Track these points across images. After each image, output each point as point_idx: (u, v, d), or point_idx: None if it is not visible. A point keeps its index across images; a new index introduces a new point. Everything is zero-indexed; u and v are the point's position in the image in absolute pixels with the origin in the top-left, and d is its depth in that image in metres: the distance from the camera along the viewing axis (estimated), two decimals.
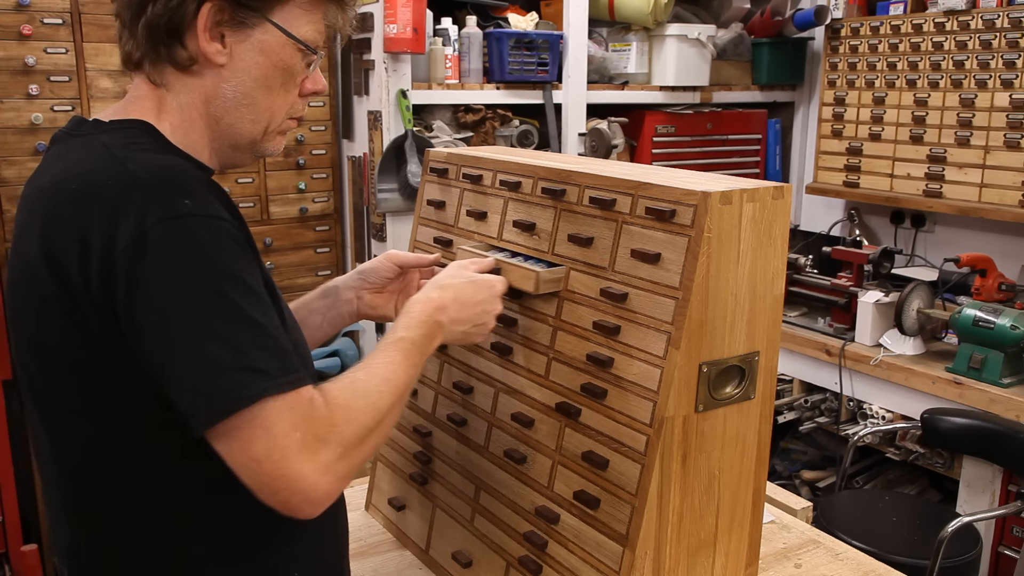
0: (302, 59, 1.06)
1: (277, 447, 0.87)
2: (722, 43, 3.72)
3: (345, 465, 0.92)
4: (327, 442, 0.91)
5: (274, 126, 1.08)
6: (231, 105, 1.04)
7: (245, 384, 0.87)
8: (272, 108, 1.07)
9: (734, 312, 1.13)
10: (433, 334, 1.13)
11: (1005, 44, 2.94)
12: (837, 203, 3.83)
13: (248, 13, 1.01)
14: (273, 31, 1.03)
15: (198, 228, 0.90)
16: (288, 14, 1.03)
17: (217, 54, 1.01)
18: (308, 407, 0.91)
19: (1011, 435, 2.27)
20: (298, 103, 1.10)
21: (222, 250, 0.91)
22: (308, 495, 0.89)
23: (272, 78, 1.04)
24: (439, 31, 3.08)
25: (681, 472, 1.13)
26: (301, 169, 3.25)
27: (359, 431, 0.94)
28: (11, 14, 2.65)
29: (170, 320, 0.88)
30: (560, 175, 1.28)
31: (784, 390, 3.22)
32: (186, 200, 0.91)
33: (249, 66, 1.03)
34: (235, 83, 1.03)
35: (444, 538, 1.45)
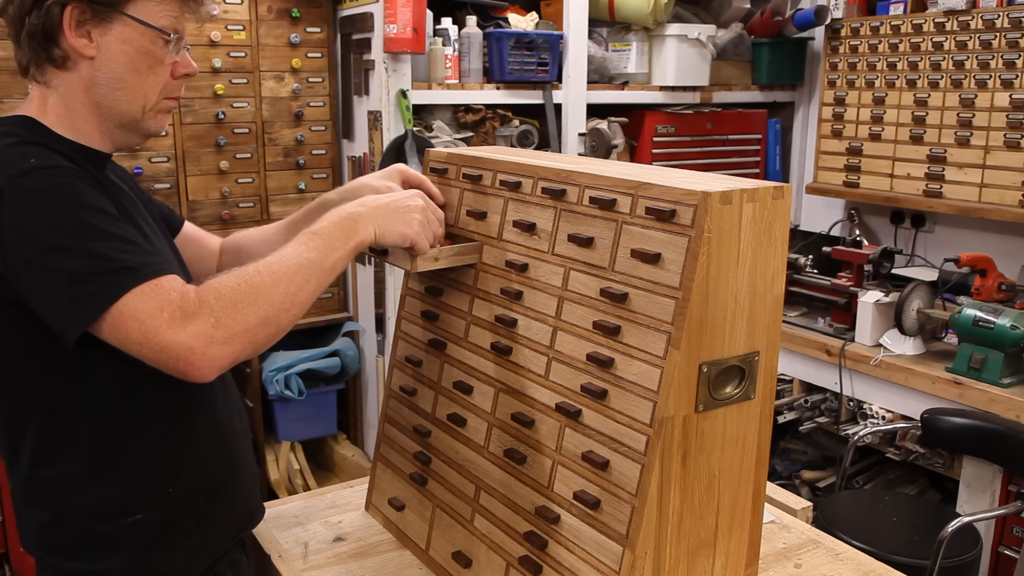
0: (163, 44, 1.21)
1: (149, 328, 1.04)
2: (722, 43, 3.72)
3: (221, 331, 1.06)
4: (197, 315, 1.06)
5: (150, 105, 1.23)
6: (107, 90, 1.20)
7: (109, 283, 1.04)
8: (144, 89, 1.22)
9: (734, 312, 1.13)
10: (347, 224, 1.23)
11: (1005, 44, 2.94)
12: (837, 203, 3.83)
13: (105, 10, 1.17)
14: (131, 23, 1.18)
15: (44, 176, 1.09)
16: (142, 7, 1.19)
17: (85, 47, 1.17)
18: (173, 293, 1.06)
19: (1011, 435, 2.27)
20: (172, 84, 1.25)
21: (68, 187, 1.09)
22: (187, 358, 1.05)
23: (138, 62, 1.20)
24: (439, 31, 3.08)
25: (681, 472, 1.13)
26: (301, 169, 3.25)
27: (230, 302, 1.08)
28: None
29: (36, 254, 1.05)
30: (560, 175, 1.29)
31: (784, 390, 3.22)
32: (32, 159, 1.10)
33: (115, 54, 1.18)
34: (107, 71, 1.19)
35: (444, 538, 1.45)
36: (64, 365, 1.16)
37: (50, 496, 1.22)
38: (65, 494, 1.21)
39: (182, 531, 1.28)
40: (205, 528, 1.31)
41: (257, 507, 1.46)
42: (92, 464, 1.21)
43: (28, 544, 1.29)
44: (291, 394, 3.21)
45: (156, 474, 1.25)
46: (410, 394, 1.56)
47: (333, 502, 1.72)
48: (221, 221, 3.10)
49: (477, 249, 1.42)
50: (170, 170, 3.01)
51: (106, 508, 1.22)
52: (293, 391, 3.21)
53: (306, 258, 1.16)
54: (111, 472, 1.22)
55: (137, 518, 1.23)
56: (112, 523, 1.22)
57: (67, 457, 1.21)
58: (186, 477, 1.28)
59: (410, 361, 1.56)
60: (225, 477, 1.35)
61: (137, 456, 1.23)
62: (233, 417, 1.38)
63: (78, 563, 1.23)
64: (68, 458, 1.21)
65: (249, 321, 1.09)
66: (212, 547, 1.33)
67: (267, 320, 1.11)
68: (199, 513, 1.30)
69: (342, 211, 1.24)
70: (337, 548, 1.54)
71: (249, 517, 1.44)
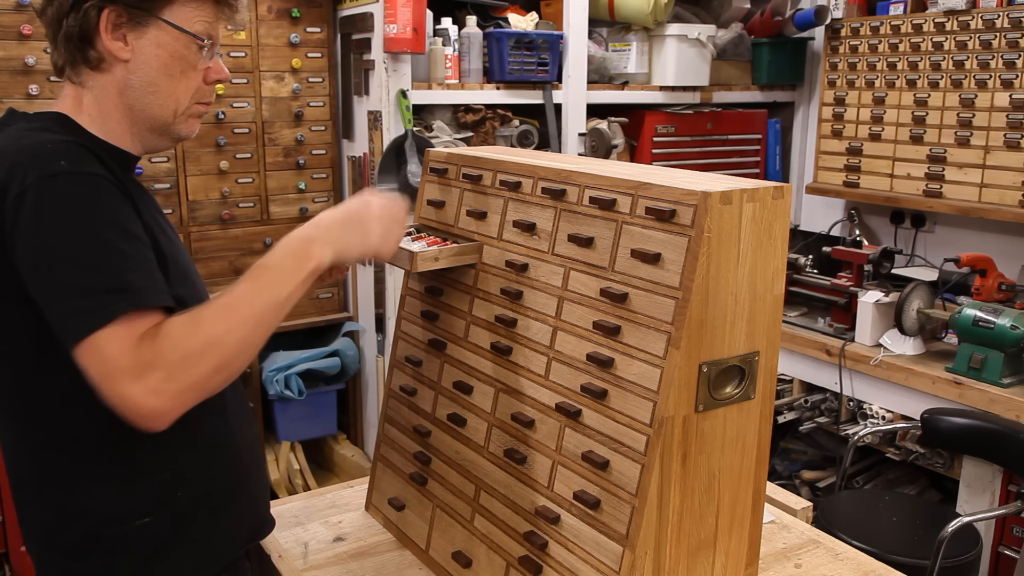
0: (197, 49, 1.23)
1: (108, 372, 1.03)
2: (722, 43, 3.72)
3: (173, 385, 1.05)
4: (152, 366, 1.04)
5: (182, 109, 1.25)
6: (140, 93, 1.21)
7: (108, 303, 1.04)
8: (176, 93, 1.23)
9: (734, 312, 1.13)
10: (300, 254, 1.20)
11: (1005, 44, 2.94)
12: (837, 203, 3.83)
13: (141, 14, 1.18)
14: (166, 27, 1.20)
15: (71, 181, 1.09)
16: (177, 12, 1.20)
17: (120, 50, 1.19)
18: (134, 335, 1.05)
19: (1011, 435, 2.27)
20: (203, 89, 1.27)
21: (91, 196, 1.09)
22: (142, 413, 1.04)
23: (171, 67, 1.21)
24: (439, 31, 3.08)
25: (681, 472, 1.13)
26: (301, 169, 3.25)
27: (181, 355, 1.06)
28: (11, 14, 2.65)
29: (48, 259, 1.06)
30: (560, 175, 1.28)
31: (784, 390, 3.22)
32: (62, 162, 1.09)
33: (149, 58, 1.20)
34: (140, 74, 1.20)
35: (444, 538, 1.45)
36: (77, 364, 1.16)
37: (58, 496, 1.22)
38: (73, 494, 1.21)
39: (189, 537, 1.27)
40: (213, 535, 1.30)
41: (267, 518, 1.44)
42: (101, 465, 1.21)
43: (32, 543, 1.28)
44: (291, 394, 3.21)
45: (165, 478, 1.24)
46: (410, 394, 1.56)
47: (333, 502, 1.72)
48: (221, 221, 3.10)
49: (477, 249, 1.42)
50: (170, 170, 3.01)
51: (114, 510, 1.21)
52: (293, 391, 3.21)
53: (259, 300, 1.14)
54: (120, 474, 1.21)
55: (144, 522, 1.22)
56: (119, 526, 1.22)
57: (77, 457, 1.20)
58: (195, 483, 1.27)
59: (410, 361, 1.56)
60: (234, 484, 1.34)
61: (146, 459, 1.22)
62: (243, 425, 1.38)
63: (83, 564, 1.23)
64: (78, 458, 1.20)
65: (202, 372, 1.08)
66: (219, 555, 1.32)
67: (220, 368, 1.10)
68: (207, 520, 1.29)
69: (292, 237, 1.22)
70: (337, 548, 1.54)
71: (258, 527, 1.42)
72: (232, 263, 3.14)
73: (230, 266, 3.13)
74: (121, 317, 1.04)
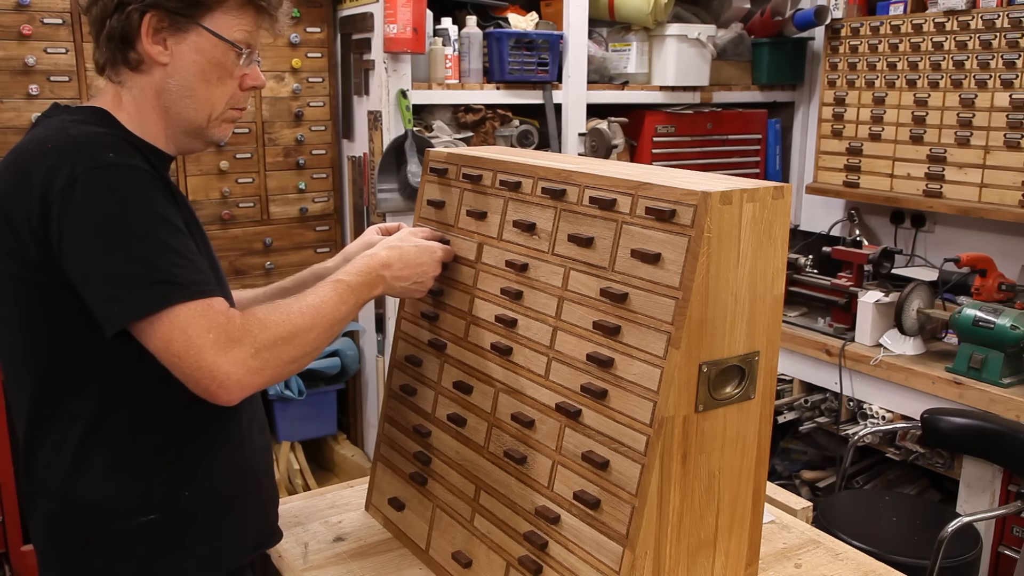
0: (235, 57, 1.25)
1: (193, 344, 1.08)
2: (722, 43, 3.72)
3: (257, 362, 1.12)
4: (240, 342, 1.11)
5: (216, 114, 1.27)
6: (176, 96, 1.24)
7: (159, 294, 1.08)
8: (212, 99, 1.25)
9: (734, 312, 1.13)
10: (374, 284, 1.33)
11: (1005, 44, 2.94)
12: (837, 203, 3.83)
13: (182, 20, 1.21)
14: (205, 34, 1.22)
15: (119, 174, 1.12)
16: (218, 19, 1.23)
17: (160, 54, 1.21)
18: (222, 316, 1.11)
19: (1011, 435, 2.27)
20: (239, 95, 1.29)
21: (139, 189, 1.12)
22: (223, 382, 1.09)
23: (208, 73, 1.24)
24: (439, 31, 3.08)
25: (681, 472, 1.13)
26: (301, 169, 3.25)
27: (271, 337, 1.14)
28: (11, 14, 2.65)
29: (94, 245, 1.09)
30: (560, 175, 1.28)
31: (784, 390, 3.22)
32: (110, 154, 1.12)
33: (188, 63, 1.22)
34: (178, 78, 1.23)
35: (444, 538, 1.45)
36: (106, 353, 1.18)
37: (65, 486, 1.21)
38: (80, 486, 1.21)
39: (194, 538, 1.27)
40: (218, 538, 1.30)
41: (275, 528, 1.44)
42: (111, 458, 1.21)
43: (37, 537, 1.28)
44: (291, 394, 3.21)
45: (173, 476, 1.24)
46: (410, 394, 1.56)
47: (333, 502, 1.72)
48: (221, 221, 3.10)
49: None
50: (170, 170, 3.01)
51: (119, 505, 1.22)
52: (293, 391, 3.21)
53: (339, 311, 1.25)
54: (129, 468, 1.22)
55: (150, 518, 1.22)
56: (124, 521, 1.22)
57: (88, 448, 1.20)
58: (202, 482, 1.27)
59: (410, 361, 1.56)
60: (242, 488, 1.34)
61: (156, 455, 1.23)
62: (255, 431, 1.38)
63: (85, 560, 1.23)
64: (88, 449, 1.20)
65: (283, 358, 1.16)
66: (223, 559, 1.32)
67: (296, 359, 1.18)
68: (212, 522, 1.29)
69: (372, 263, 1.34)
70: (337, 548, 1.54)
71: (266, 536, 1.42)
72: (232, 263, 3.14)
73: (230, 266, 3.13)
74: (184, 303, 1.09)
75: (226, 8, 1.23)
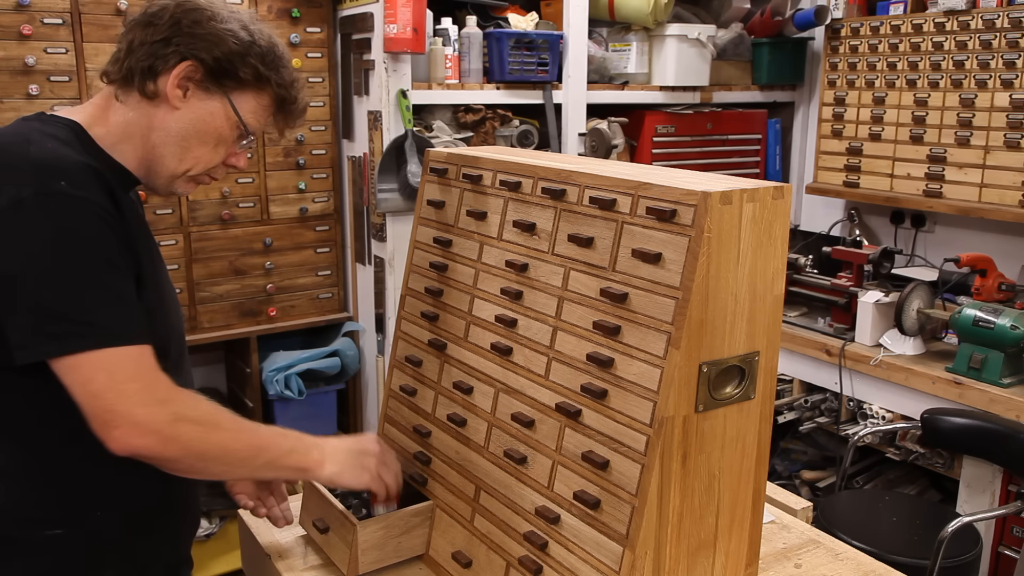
0: (237, 136, 1.28)
1: (115, 388, 1.08)
2: (722, 43, 3.72)
3: (171, 430, 1.11)
4: (164, 404, 1.11)
5: (192, 173, 1.28)
6: (168, 140, 1.24)
7: (80, 334, 1.07)
8: (198, 158, 1.27)
9: (734, 312, 1.13)
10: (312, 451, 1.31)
11: (1005, 44, 2.94)
12: (837, 203, 3.83)
13: (214, 84, 1.24)
14: (227, 104, 1.25)
15: (67, 204, 1.09)
16: (244, 98, 1.26)
17: (177, 99, 1.23)
18: (150, 371, 1.11)
19: (1011, 435, 2.27)
20: (219, 167, 1.31)
21: (84, 224, 1.10)
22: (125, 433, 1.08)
23: (207, 135, 1.26)
24: (439, 31, 3.08)
25: (681, 472, 1.13)
26: (301, 169, 3.25)
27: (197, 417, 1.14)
28: (11, 14, 2.65)
29: (25, 275, 1.07)
30: (560, 175, 1.28)
31: (784, 390, 3.22)
32: (62, 182, 1.10)
33: (196, 118, 1.24)
34: (180, 125, 1.24)
35: (444, 538, 1.45)
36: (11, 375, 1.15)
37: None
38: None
39: (101, 559, 1.25)
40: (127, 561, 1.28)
41: (186, 558, 1.43)
42: (20, 464, 1.19)
43: None
44: (291, 394, 3.21)
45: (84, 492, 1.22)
46: (410, 394, 1.56)
47: None
48: (221, 221, 3.10)
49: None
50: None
51: (26, 513, 1.19)
52: (293, 391, 3.21)
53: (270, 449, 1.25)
54: (39, 478, 1.19)
55: (56, 533, 1.20)
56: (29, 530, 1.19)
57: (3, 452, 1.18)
58: (114, 503, 1.24)
59: (410, 361, 1.56)
60: (156, 514, 1.31)
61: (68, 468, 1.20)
62: None
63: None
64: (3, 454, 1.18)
65: (196, 446, 1.14)
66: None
67: (204, 457, 1.16)
68: (122, 544, 1.26)
69: (310, 437, 1.32)
70: None
71: (175, 567, 1.41)
72: (232, 263, 3.14)
73: (230, 266, 3.13)
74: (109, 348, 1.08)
75: (255, 92, 1.26)
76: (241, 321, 3.18)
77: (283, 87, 1.28)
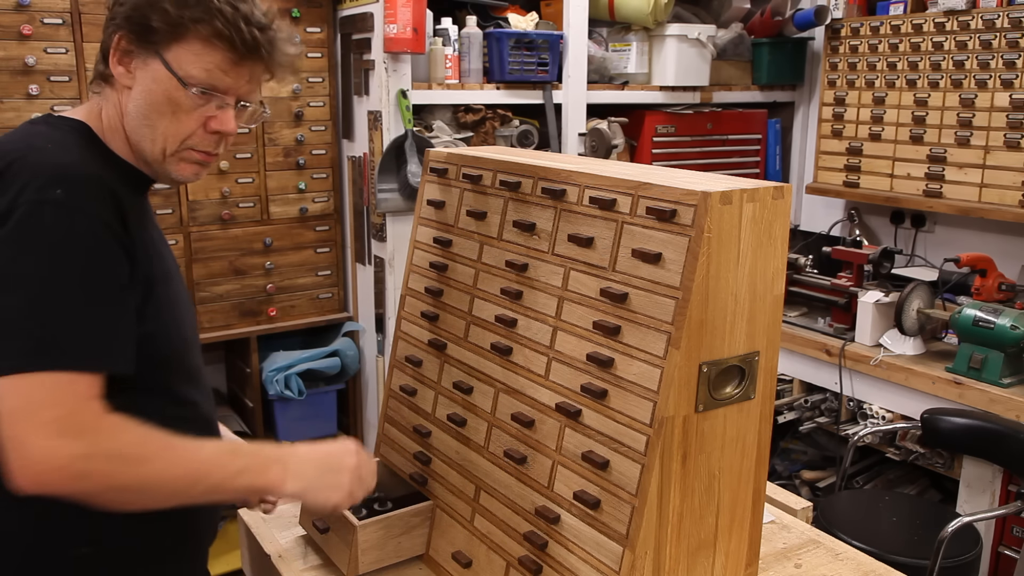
0: (193, 96, 1.17)
1: (24, 413, 0.98)
2: (722, 43, 3.72)
3: (82, 465, 0.99)
4: (79, 436, 1.00)
5: (170, 150, 1.20)
6: (135, 123, 1.19)
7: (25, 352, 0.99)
8: (165, 133, 1.18)
9: (734, 312, 1.13)
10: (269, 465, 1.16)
11: (1005, 44, 2.94)
12: (837, 203, 3.83)
13: (144, 47, 1.16)
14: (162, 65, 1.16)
15: (60, 215, 1.04)
16: (177, 53, 1.16)
17: (122, 76, 1.18)
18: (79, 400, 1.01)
19: (1011, 435, 2.27)
20: (202, 136, 1.20)
21: (74, 237, 1.04)
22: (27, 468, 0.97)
23: (161, 105, 1.17)
24: (439, 31, 3.08)
25: (681, 472, 1.13)
26: (301, 169, 3.25)
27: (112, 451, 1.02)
28: (11, 14, 2.65)
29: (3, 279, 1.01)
30: (560, 175, 1.28)
31: (784, 390, 3.22)
32: (58, 190, 1.05)
33: (145, 91, 1.17)
34: (137, 104, 1.18)
35: (444, 538, 1.45)
36: None
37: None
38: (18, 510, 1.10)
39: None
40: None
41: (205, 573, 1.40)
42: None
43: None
44: (291, 394, 3.21)
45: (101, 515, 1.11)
46: (410, 394, 1.56)
47: None
48: (221, 221, 3.10)
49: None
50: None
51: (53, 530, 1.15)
52: (293, 391, 3.21)
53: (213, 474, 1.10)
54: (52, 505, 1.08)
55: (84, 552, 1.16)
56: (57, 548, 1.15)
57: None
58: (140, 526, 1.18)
59: (410, 361, 1.56)
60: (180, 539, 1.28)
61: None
62: None
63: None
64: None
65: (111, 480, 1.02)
66: None
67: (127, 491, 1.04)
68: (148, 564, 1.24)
69: (273, 450, 1.18)
70: None
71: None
72: (232, 263, 3.14)
73: (230, 266, 3.13)
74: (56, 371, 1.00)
75: (187, 43, 1.15)
76: (241, 321, 3.18)
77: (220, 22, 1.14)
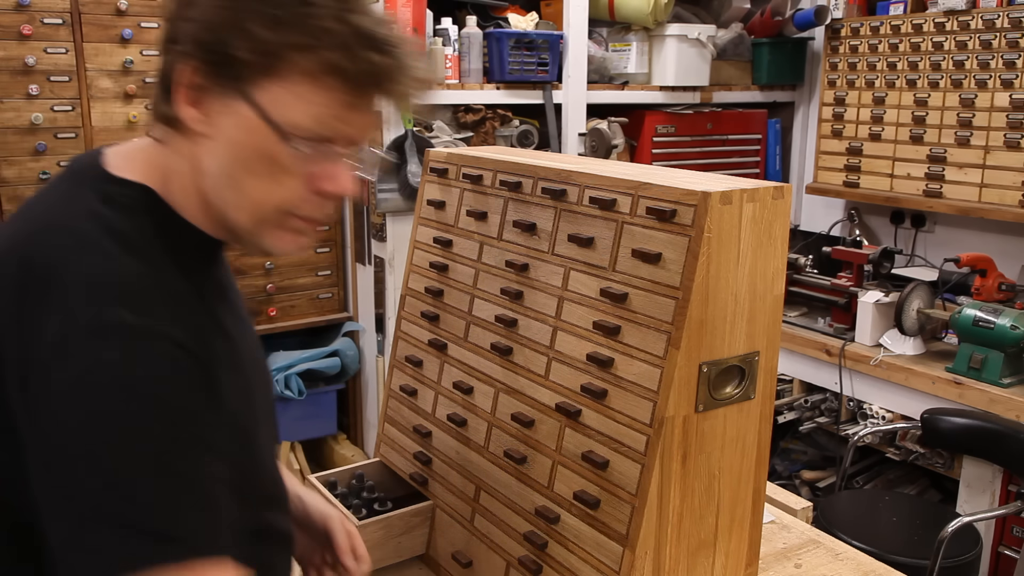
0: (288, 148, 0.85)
1: None
2: (722, 43, 3.72)
3: None
4: None
5: (266, 218, 0.89)
6: (215, 184, 0.88)
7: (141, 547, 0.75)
8: (258, 198, 0.87)
9: (734, 312, 1.13)
10: None
11: (1005, 44, 2.94)
12: (837, 203, 3.83)
13: (224, 83, 0.83)
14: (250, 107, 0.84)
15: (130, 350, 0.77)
16: (276, 92, 0.83)
17: (194, 121, 0.86)
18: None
19: (1011, 435, 2.27)
20: (308, 200, 0.89)
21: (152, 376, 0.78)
22: None
23: (253, 162, 0.85)
24: (439, 31, 3.08)
25: (681, 472, 1.13)
26: None
27: None
28: (11, 14, 2.65)
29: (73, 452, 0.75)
30: (560, 175, 1.28)
31: (784, 390, 3.22)
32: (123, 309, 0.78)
33: (229, 142, 0.85)
34: (219, 160, 0.86)
35: (444, 538, 1.45)
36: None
37: None
38: None
39: None
40: None
41: None
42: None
43: None
44: (291, 394, 3.21)
45: None
46: (410, 394, 1.56)
47: None
48: None
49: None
50: None
51: None
52: (293, 391, 3.21)
53: None
54: None
55: None
56: None
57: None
58: None
59: (410, 361, 1.56)
60: None
61: None
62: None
63: None
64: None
65: None
66: None
67: None
68: None
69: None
70: None
71: None
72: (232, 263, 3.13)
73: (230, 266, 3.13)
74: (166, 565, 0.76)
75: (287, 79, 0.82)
76: None
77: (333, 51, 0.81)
